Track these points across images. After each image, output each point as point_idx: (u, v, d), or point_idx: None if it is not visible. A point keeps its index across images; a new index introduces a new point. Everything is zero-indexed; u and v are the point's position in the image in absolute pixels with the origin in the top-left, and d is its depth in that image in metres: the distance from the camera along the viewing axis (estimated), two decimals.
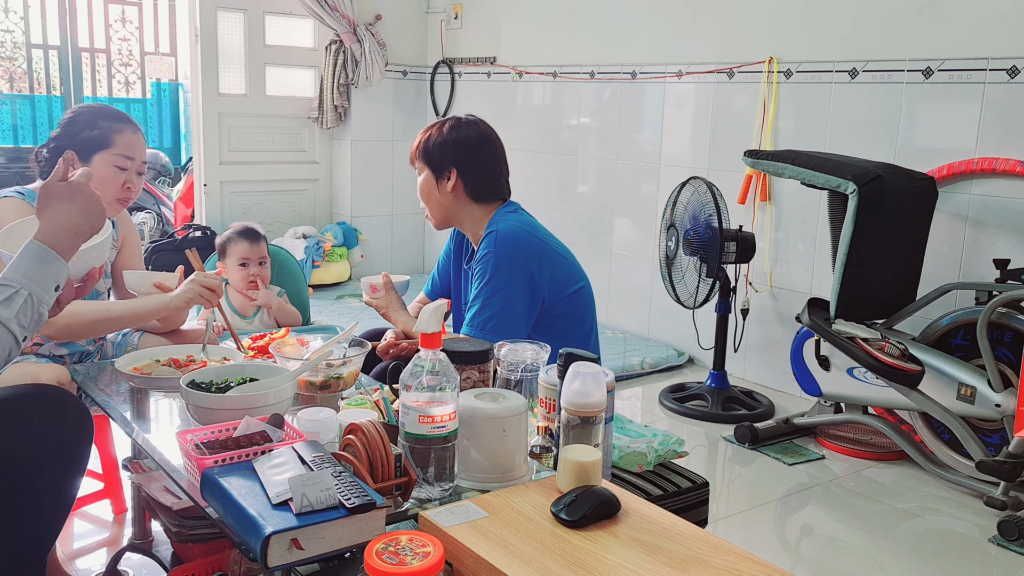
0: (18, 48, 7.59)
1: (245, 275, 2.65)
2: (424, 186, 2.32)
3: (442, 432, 1.35)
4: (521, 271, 2.15)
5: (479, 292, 2.17)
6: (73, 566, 2.17)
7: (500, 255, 2.15)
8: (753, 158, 3.09)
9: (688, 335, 3.96)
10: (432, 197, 2.31)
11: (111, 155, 2.16)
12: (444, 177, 2.28)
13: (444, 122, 2.33)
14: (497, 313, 2.13)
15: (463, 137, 2.30)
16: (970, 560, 2.39)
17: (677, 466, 1.74)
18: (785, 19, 3.65)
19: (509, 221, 2.23)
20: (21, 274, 1.44)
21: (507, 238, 2.17)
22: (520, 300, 2.15)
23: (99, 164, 2.15)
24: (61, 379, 1.98)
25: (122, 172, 2.18)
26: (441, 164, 2.28)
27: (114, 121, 2.19)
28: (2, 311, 1.40)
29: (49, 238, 1.48)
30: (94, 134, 2.16)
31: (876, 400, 2.97)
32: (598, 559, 1.16)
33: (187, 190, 5.64)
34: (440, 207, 2.32)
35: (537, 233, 2.26)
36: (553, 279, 2.21)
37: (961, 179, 3.10)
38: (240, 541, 1.19)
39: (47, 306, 1.47)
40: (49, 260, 1.47)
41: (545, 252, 2.22)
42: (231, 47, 5.14)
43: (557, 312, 2.23)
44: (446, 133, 2.30)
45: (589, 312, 2.32)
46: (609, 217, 4.51)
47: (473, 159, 2.29)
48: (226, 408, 1.54)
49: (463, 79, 5.37)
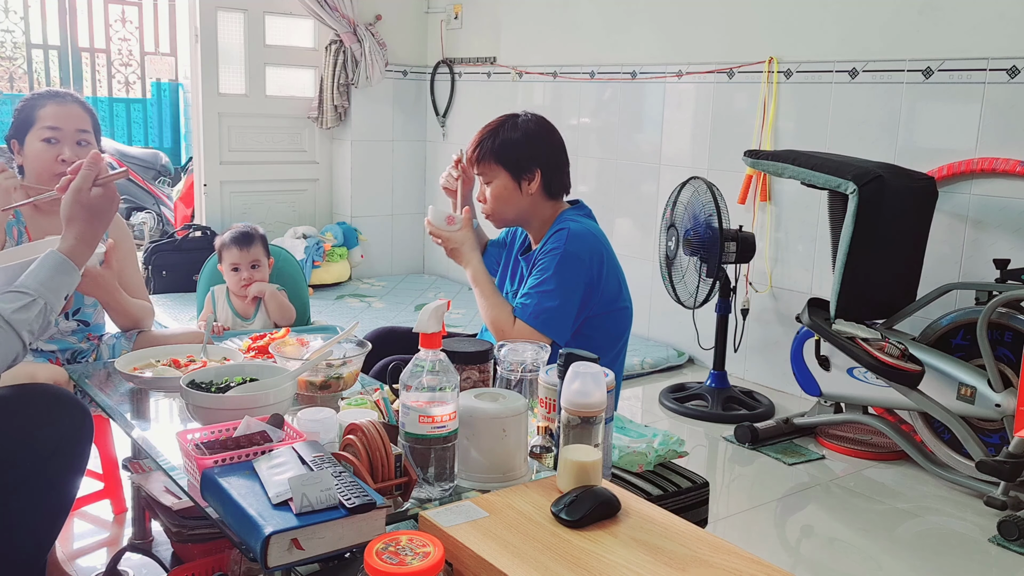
0: (18, 48, 7.59)
1: (237, 279, 2.65)
2: (502, 190, 2.21)
3: (442, 432, 1.35)
4: (585, 273, 2.14)
5: (540, 281, 2.13)
6: (73, 566, 2.17)
7: (570, 253, 2.12)
8: (753, 158, 3.09)
9: (688, 335, 3.96)
10: (511, 200, 2.22)
11: (37, 130, 2.12)
12: (526, 178, 2.20)
13: (504, 122, 2.25)
14: (554, 308, 2.10)
15: (543, 133, 2.24)
16: (970, 560, 2.39)
17: (677, 466, 1.74)
18: (785, 19, 3.65)
19: (581, 224, 2.21)
20: (39, 283, 1.47)
21: (579, 238, 2.15)
22: (576, 301, 2.13)
23: (30, 143, 2.13)
24: (58, 379, 1.98)
25: (51, 144, 2.11)
26: (525, 164, 2.20)
27: (39, 98, 2.15)
28: (19, 317, 1.43)
29: (70, 251, 1.51)
30: (21, 116, 2.14)
31: (876, 400, 2.97)
32: (598, 559, 1.16)
33: (187, 190, 5.64)
34: (517, 208, 2.24)
35: (603, 241, 2.24)
36: (607, 290, 2.19)
37: (961, 179, 3.10)
38: (240, 541, 1.19)
39: (56, 314, 1.50)
40: (68, 272, 1.50)
41: (607, 261, 2.20)
42: (231, 47, 5.13)
43: (598, 324, 2.21)
44: (520, 132, 2.22)
45: (625, 333, 2.29)
46: (609, 217, 4.50)
47: (557, 156, 2.26)
48: (226, 408, 1.54)
49: (463, 79, 5.37)
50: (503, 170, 2.21)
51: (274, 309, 2.64)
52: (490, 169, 2.22)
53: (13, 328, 1.42)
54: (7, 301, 1.44)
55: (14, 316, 1.42)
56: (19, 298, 1.44)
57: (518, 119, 2.26)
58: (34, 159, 2.11)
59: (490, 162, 2.22)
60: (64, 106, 2.14)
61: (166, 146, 8.41)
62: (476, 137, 2.27)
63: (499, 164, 2.21)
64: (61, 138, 2.12)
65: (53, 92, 2.19)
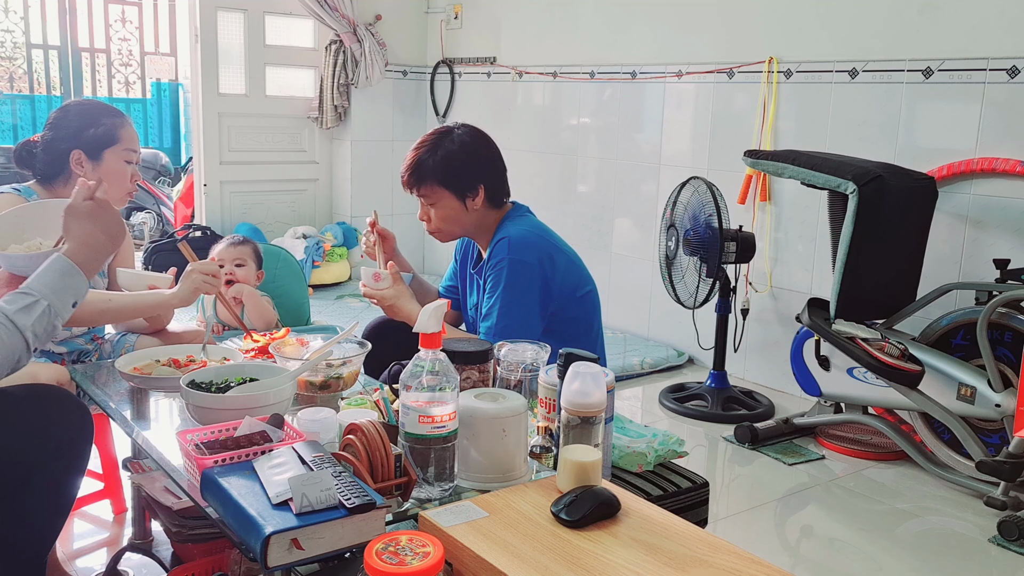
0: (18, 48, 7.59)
1: (220, 274, 2.63)
2: (448, 211, 2.19)
3: (442, 432, 1.35)
4: (535, 276, 2.13)
5: (494, 300, 2.13)
6: (73, 566, 2.17)
7: (513, 261, 2.12)
8: (753, 158, 3.09)
9: (688, 335, 3.96)
10: (456, 219, 2.20)
11: (119, 150, 2.23)
12: (471, 195, 2.19)
13: (440, 140, 2.20)
14: (515, 322, 2.10)
15: (482, 148, 2.21)
16: (970, 560, 2.39)
17: (677, 466, 1.74)
18: (785, 19, 3.65)
19: (519, 226, 2.20)
20: (43, 285, 1.48)
21: (519, 243, 2.14)
22: (535, 306, 2.13)
23: (110, 160, 2.22)
24: (60, 379, 1.98)
25: (129, 165, 2.27)
26: (468, 183, 2.18)
27: (115, 117, 2.25)
28: (21, 318, 1.44)
29: (74, 255, 1.53)
30: (100, 131, 2.21)
31: (876, 400, 2.97)
32: (598, 559, 1.16)
33: (187, 190, 5.65)
34: (462, 225, 2.23)
35: (547, 236, 2.23)
36: (564, 283, 2.19)
37: (961, 179, 3.10)
38: (240, 541, 1.20)
39: (63, 320, 1.51)
40: (72, 275, 1.52)
41: (556, 256, 2.19)
42: (231, 47, 5.13)
43: (565, 316, 2.20)
44: (459, 150, 2.17)
45: (596, 316, 2.29)
46: (609, 217, 4.51)
47: (497, 167, 2.24)
48: (226, 408, 1.54)
49: (463, 79, 5.37)
50: (446, 191, 2.18)
51: (251, 308, 2.56)
52: (432, 192, 2.19)
53: (16, 326, 1.43)
54: (10, 302, 1.45)
55: (17, 316, 1.43)
56: (22, 299, 1.46)
57: (453, 134, 2.21)
58: (116, 176, 2.23)
59: (432, 185, 2.18)
60: (134, 129, 2.32)
61: (166, 146, 8.42)
62: (411, 157, 2.21)
63: (442, 186, 2.18)
64: (136, 160, 2.30)
65: (120, 112, 2.31)
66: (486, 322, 2.15)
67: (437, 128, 2.27)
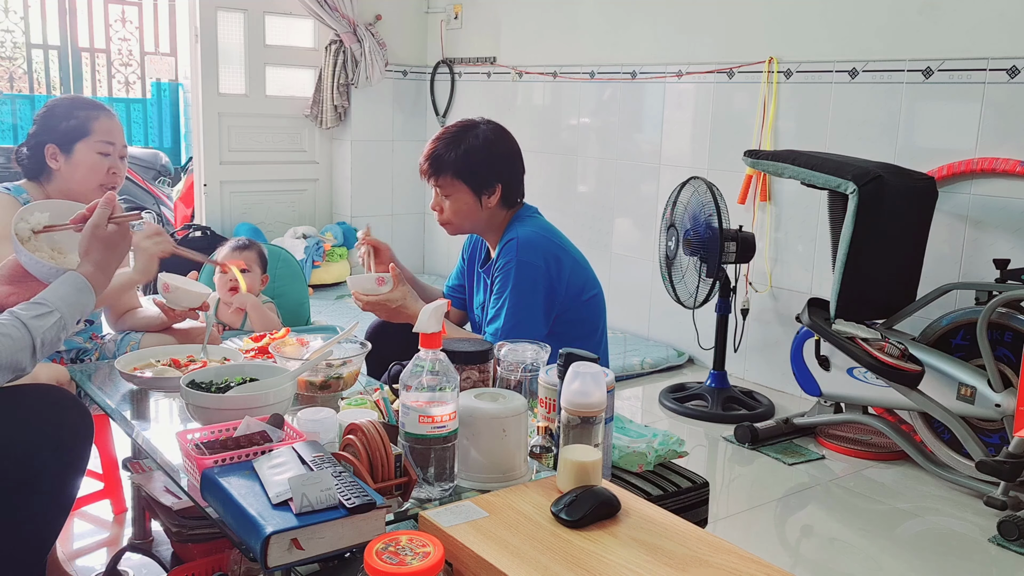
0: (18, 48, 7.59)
1: (225, 280, 2.64)
2: (461, 205, 2.17)
3: (442, 432, 1.35)
4: (543, 277, 2.13)
5: (502, 302, 2.13)
6: (73, 566, 2.17)
7: (521, 262, 2.11)
8: (753, 158, 3.09)
9: (688, 335, 3.96)
10: (470, 214, 2.18)
11: (92, 142, 2.21)
12: (487, 193, 2.17)
13: (464, 134, 2.17)
14: (521, 323, 2.10)
15: (504, 146, 2.20)
16: (970, 560, 2.39)
17: (677, 466, 1.74)
18: (785, 19, 3.65)
19: (528, 227, 2.19)
20: (58, 298, 1.53)
21: (527, 244, 2.13)
22: (540, 308, 2.13)
23: (82, 153, 2.20)
24: (60, 379, 1.98)
25: (105, 158, 2.23)
26: (487, 180, 2.16)
27: (90, 109, 2.24)
28: (36, 323, 1.48)
29: (90, 277, 1.58)
30: (72, 124, 2.20)
31: (876, 400, 2.97)
32: (598, 559, 1.16)
33: (187, 190, 5.64)
34: (474, 221, 2.21)
35: (554, 238, 2.22)
36: (570, 285, 2.18)
37: (961, 179, 3.10)
38: (240, 541, 1.20)
39: (67, 334, 1.55)
40: (85, 292, 1.57)
41: (562, 257, 2.19)
42: (231, 47, 5.13)
43: (570, 318, 2.20)
44: (482, 146, 2.15)
45: (601, 319, 2.29)
46: (609, 217, 4.51)
47: (517, 168, 2.22)
48: (226, 408, 1.54)
49: (463, 79, 5.37)
50: (464, 185, 2.17)
51: (254, 319, 2.57)
52: (449, 184, 2.17)
53: (28, 328, 1.47)
54: (25, 309, 1.50)
55: (31, 321, 1.48)
56: (37, 308, 1.50)
57: (478, 129, 2.19)
58: (87, 169, 2.20)
59: (449, 177, 2.16)
60: (113, 121, 2.27)
61: (166, 146, 8.42)
62: (431, 146, 2.19)
63: (459, 180, 2.16)
64: (112, 152, 2.24)
65: (99, 104, 2.28)
66: (493, 324, 2.15)
67: (462, 120, 2.25)
